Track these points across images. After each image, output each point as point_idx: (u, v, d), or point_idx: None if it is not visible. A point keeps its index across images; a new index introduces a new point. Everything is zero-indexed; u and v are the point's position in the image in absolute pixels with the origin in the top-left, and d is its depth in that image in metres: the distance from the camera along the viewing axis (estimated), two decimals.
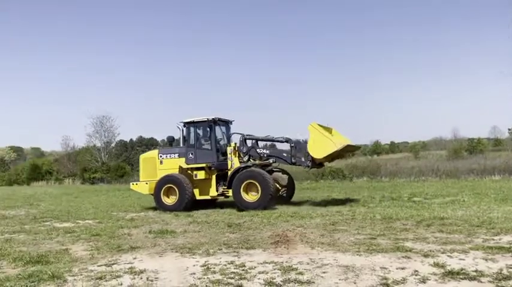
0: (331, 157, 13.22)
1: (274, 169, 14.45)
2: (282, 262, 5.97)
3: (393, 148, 75.85)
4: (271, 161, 13.96)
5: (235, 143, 14.05)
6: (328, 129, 13.40)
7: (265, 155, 14.02)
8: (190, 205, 13.54)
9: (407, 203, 13.08)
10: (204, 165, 13.78)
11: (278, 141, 14.18)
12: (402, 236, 7.64)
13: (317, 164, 13.53)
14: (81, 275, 5.54)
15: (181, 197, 13.49)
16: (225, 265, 5.88)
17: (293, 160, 13.47)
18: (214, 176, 13.96)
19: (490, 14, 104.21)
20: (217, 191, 13.90)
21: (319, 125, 12.75)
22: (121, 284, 5.09)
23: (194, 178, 13.88)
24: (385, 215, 10.35)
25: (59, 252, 7.09)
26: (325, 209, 12.20)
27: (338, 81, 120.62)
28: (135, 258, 6.56)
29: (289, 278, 5.13)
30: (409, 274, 5.16)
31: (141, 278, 5.35)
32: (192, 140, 14.24)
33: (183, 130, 14.37)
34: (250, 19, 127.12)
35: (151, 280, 5.23)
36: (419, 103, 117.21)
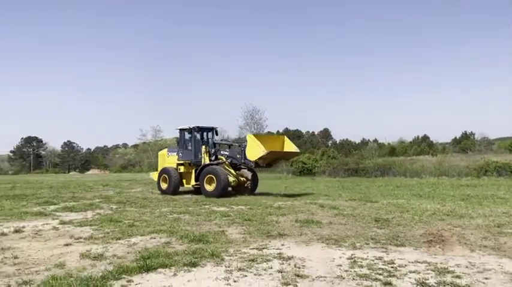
0: (269, 160, 16.13)
1: (242, 167, 17.35)
2: (436, 263, 5.54)
3: None
4: (228, 161, 17.13)
5: (206, 146, 17.55)
6: (280, 138, 17.56)
7: (225, 156, 17.32)
8: (177, 190, 17.60)
9: None
10: (183, 161, 17.91)
11: (235, 145, 17.91)
12: None
13: (261, 164, 16.15)
14: (236, 256, 6.01)
15: (170, 184, 17.51)
16: (373, 260, 5.72)
17: (242, 161, 16.59)
18: (193, 170, 17.48)
19: None
20: (196, 181, 17.19)
21: (254, 135, 16.49)
22: (271, 267, 5.37)
23: (178, 171, 17.89)
24: None
25: (217, 233, 7.81)
26: (489, 210, 10.88)
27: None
28: (283, 245, 6.84)
29: (444, 281, 4.74)
30: None
31: (289, 264, 5.55)
32: (182, 142, 18.40)
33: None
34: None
35: (299, 267, 5.39)
36: None
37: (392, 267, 5.37)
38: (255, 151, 15.45)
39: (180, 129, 18.46)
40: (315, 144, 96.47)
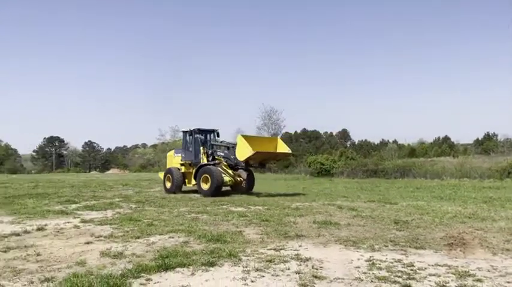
0: (259, 160, 16.78)
1: (239, 167, 17.86)
2: (457, 266, 5.45)
3: None
4: (224, 162, 17.90)
5: (205, 147, 18.30)
6: (274, 139, 18.89)
7: (221, 157, 17.93)
8: (179, 189, 18.28)
9: None
10: (185, 161, 18.91)
11: (230, 147, 17.84)
12: None
13: (252, 164, 16.98)
14: (253, 256, 6.02)
15: (173, 183, 18.32)
16: (392, 263, 5.65)
17: (235, 161, 17.16)
18: (193, 170, 18.17)
19: None
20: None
21: (244, 136, 16.54)
22: (288, 268, 5.36)
23: (181, 171, 18.74)
24: None
25: (234, 233, 7.83)
26: (511, 212, 10.63)
27: None
28: (300, 246, 6.82)
29: (465, 284, 4.66)
30: None
31: (307, 265, 5.53)
32: (184, 144, 19.39)
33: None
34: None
35: (317, 269, 5.36)
36: None
37: (411, 270, 5.30)
38: (243, 151, 16.01)
39: (183, 132, 19.68)
40: (333, 145, 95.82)
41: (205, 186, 16.89)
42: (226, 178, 17.35)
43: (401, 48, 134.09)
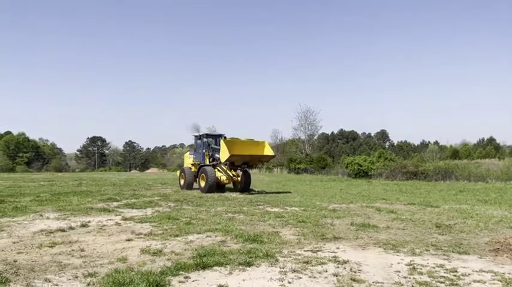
0: (241, 161, 18.51)
1: (239, 168, 19.44)
2: (504, 273, 5.20)
3: None
4: (219, 162, 19.28)
5: (208, 150, 20.23)
6: (261, 143, 19.72)
7: (217, 158, 19.31)
8: (190, 186, 20.46)
9: None
10: (194, 162, 21.12)
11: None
12: None
13: (237, 164, 18.79)
14: (290, 257, 5.99)
15: (185, 181, 20.58)
16: (433, 268, 5.47)
17: (223, 161, 18.57)
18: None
19: None
20: None
21: (226, 140, 18.79)
22: (326, 271, 5.29)
23: (191, 170, 20.89)
24: None
25: (271, 234, 7.83)
26: None
27: None
28: (338, 248, 6.72)
29: None
30: None
31: (345, 268, 5.44)
32: (195, 146, 21.70)
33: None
34: None
35: (355, 272, 5.27)
36: None
37: (454, 275, 5.11)
38: (224, 153, 18.06)
39: (195, 136, 22.12)
40: (372, 146, 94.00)
41: (202, 183, 18.90)
42: (223, 177, 19.62)
43: (443, 46, 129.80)
